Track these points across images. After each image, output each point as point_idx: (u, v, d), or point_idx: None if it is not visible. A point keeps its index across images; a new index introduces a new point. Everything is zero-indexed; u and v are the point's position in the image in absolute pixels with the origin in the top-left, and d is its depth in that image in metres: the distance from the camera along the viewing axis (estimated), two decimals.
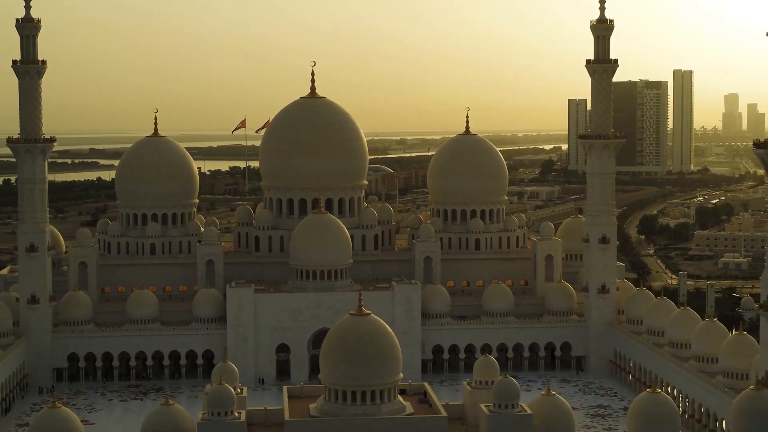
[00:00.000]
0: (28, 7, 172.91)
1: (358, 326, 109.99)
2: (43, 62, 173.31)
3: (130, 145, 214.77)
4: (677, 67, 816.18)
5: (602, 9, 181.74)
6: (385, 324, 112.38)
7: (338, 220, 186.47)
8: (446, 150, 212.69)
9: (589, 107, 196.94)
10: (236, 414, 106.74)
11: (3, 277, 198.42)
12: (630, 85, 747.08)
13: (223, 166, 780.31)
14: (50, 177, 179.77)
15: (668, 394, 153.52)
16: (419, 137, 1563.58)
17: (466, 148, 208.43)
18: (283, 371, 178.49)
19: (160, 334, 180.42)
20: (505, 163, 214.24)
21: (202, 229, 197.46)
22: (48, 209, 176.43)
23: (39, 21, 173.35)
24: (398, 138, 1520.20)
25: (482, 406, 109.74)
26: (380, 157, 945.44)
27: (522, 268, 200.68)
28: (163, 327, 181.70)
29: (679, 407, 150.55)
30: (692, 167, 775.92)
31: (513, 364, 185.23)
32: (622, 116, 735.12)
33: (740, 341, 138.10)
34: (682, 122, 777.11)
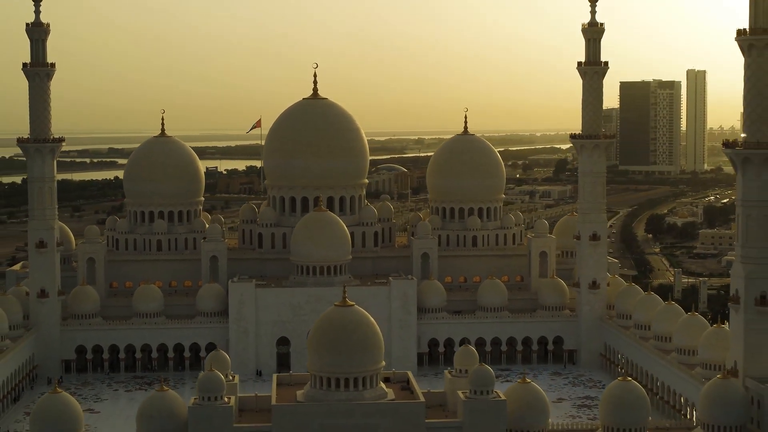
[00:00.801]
0: (37, 12, 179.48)
1: (342, 317, 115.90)
2: (52, 65, 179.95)
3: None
4: (691, 67, 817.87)
5: (593, 12, 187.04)
6: (368, 315, 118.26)
7: (337, 217, 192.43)
8: (445, 150, 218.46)
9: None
10: (225, 399, 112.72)
11: (15, 272, 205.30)
12: (643, 85, 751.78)
13: (241, 165, 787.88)
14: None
15: (652, 385, 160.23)
16: (437, 136, 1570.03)
17: (464, 148, 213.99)
18: (283, 363, 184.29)
19: (165, 328, 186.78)
20: (502, 162, 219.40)
21: (207, 227, 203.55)
22: (57, 207, 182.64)
23: (48, 25, 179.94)
24: (416, 137, 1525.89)
25: (459, 392, 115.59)
26: (396, 156, 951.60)
27: (518, 264, 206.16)
28: (168, 320, 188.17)
29: (661, 397, 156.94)
30: (706, 166, 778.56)
31: (506, 357, 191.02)
32: (636, 116, 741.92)
33: (718, 334, 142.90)
34: (696, 122, 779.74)
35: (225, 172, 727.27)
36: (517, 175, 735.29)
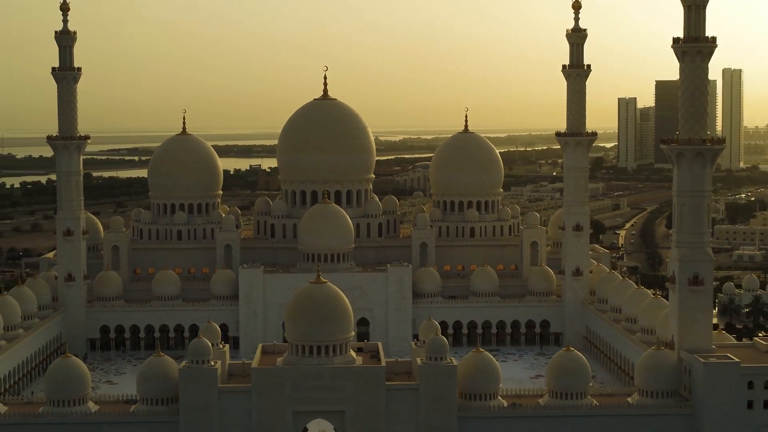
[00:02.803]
0: (65, 21, 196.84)
1: (316, 292, 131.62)
2: (79, 69, 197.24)
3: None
4: (727, 66, 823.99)
5: (576, 19, 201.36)
6: (339, 291, 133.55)
7: (341, 209, 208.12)
8: (446, 147, 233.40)
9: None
10: (212, 363, 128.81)
11: (47, 259, 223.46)
12: (678, 84, 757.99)
13: None
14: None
15: (622, 363, 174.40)
16: (486, 135, 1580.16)
17: (464, 145, 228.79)
18: None
19: (182, 310, 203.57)
20: (500, 158, 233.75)
21: (223, 217, 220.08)
22: (83, 199, 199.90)
23: (75, 33, 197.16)
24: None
25: (417, 359, 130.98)
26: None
27: (512, 254, 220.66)
28: (184, 303, 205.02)
29: (627, 373, 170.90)
30: (741, 165, 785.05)
31: (497, 339, 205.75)
32: (671, 114, 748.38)
33: None
34: (731, 120, 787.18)
35: (269, 170, 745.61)
36: (555, 173, 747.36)
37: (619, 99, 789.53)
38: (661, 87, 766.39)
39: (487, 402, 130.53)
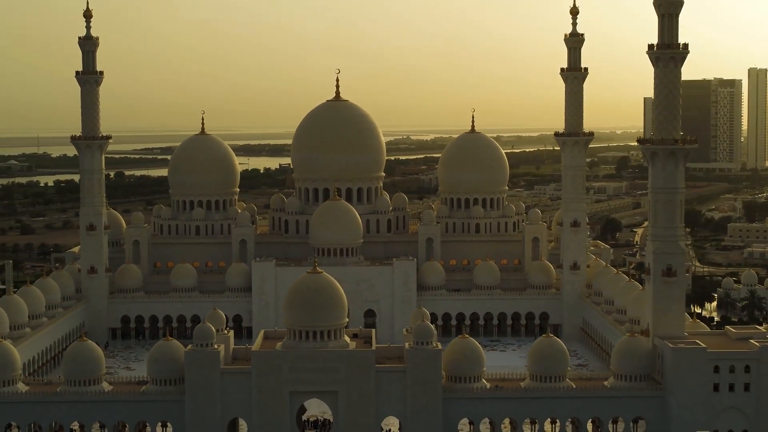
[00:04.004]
0: (88, 28, 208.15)
1: (312, 282, 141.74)
2: (101, 73, 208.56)
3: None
4: (752, 66, 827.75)
5: (574, 24, 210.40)
6: (334, 280, 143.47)
7: (350, 205, 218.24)
8: (453, 147, 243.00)
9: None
10: (215, 347, 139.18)
11: (73, 253, 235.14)
12: (704, 84, 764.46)
13: None
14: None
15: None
16: (515, 134, 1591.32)
17: (471, 145, 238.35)
18: None
19: (198, 301, 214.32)
20: (505, 157, 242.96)
21: (239, 213, 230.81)
22: (105, 195, 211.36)
23: (97, 39, 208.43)
24: (494, 135, 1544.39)
25: (406, 343, 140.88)
26: None
27: (515, 249, 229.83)
28: (201, 295, 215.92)
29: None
30: (767, 164, 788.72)
31: (498, 330, 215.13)
32: (696, 114, 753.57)
33: None
34: (757, 119, 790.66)
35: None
36: None
37: (645, 98, 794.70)
38: (686, 87, 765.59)
39: (471, 384, 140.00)
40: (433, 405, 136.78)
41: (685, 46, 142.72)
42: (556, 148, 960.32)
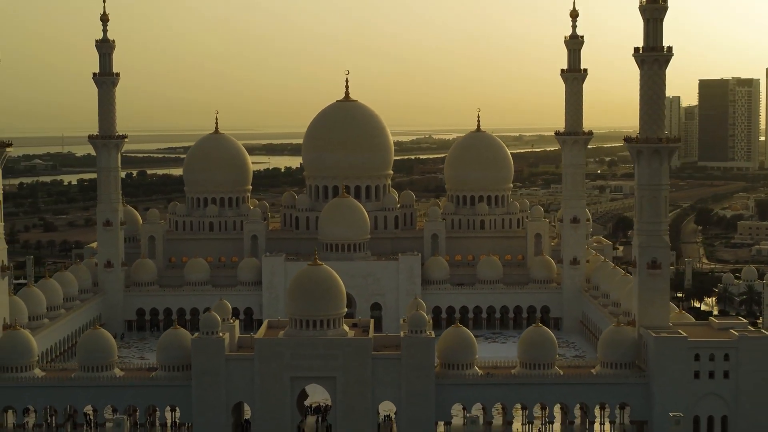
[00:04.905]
0: (105, 31, 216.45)
1: (313, 273, 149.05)
2: (117, 74, 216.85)
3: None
4: None
5: (574, 27, 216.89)
6: (334, 272, 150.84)
7: (357, 202, 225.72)
8: (459, 145, 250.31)
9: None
10: (220, 335, 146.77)
11: (91, 249, 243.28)
12: (722, 83, 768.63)
13: None
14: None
15: None
16: (537, 134, 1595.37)
17: (476, 144, 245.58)
18: None
19: (210, 294, 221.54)
20: (510, 156, 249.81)
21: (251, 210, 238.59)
22: (121, 192, 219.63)
23: (114, 42, 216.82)
24: (517, 134, 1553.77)
25: (402, 332, 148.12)
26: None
27: (519, 245, 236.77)
28: (213, 288, 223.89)
29: None
30: None
31: (500, 323, 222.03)
32: (713, 113, 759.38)
33: None
34: None
35: None
36: (599, 171, 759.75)
37: (669, 97, 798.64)
38: (704, 86, 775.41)
39: (464, 371, 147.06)
40: (427, 390, 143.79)
41: (669, 49, 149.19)
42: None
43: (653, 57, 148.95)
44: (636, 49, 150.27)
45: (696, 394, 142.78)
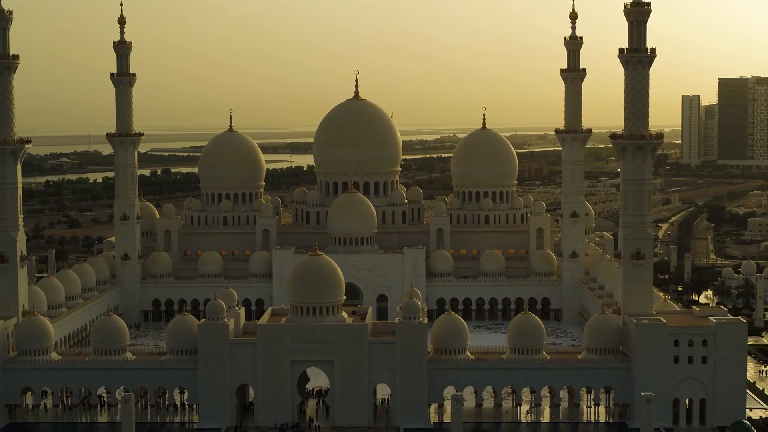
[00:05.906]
0: (122, 33, 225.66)
1: (313, 263, 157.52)
2: (134, 74, 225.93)
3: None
4: None
5: (573, 28, 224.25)
6: (333, 261, 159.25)
7: (365, 197, 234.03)
8: (465, 143, 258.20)
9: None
10: (225, 320, 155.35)
11: (110, 242, 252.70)
12: (741, 81, 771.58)
13: None
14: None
15: None
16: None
17: (482, 141, 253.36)
18: None
19: (223, 286, 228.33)
20: (514, 153, 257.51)
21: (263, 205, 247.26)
22: (137, 187, 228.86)
23: (130, 43, 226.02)
24: (542, 133, 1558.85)
25: (396, 318, 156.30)
26: (518, 151, 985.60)
27: (522, 239, 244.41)
28: (226, 280, 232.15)
29: None
30: None
31: (502, 314, 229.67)
32: (733, 111, 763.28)
33: None
34: None
35: None
36: (618, 170, 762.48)
37: (682, 96, 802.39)
38: (724, 85, 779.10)
39: (456, 356, 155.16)
40: (420, 374, 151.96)
41: (653, 50, 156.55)
42: (597, 145, 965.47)
43: (637, 58, 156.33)
44: (621, 51, 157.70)
45: (675, 378, 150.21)
